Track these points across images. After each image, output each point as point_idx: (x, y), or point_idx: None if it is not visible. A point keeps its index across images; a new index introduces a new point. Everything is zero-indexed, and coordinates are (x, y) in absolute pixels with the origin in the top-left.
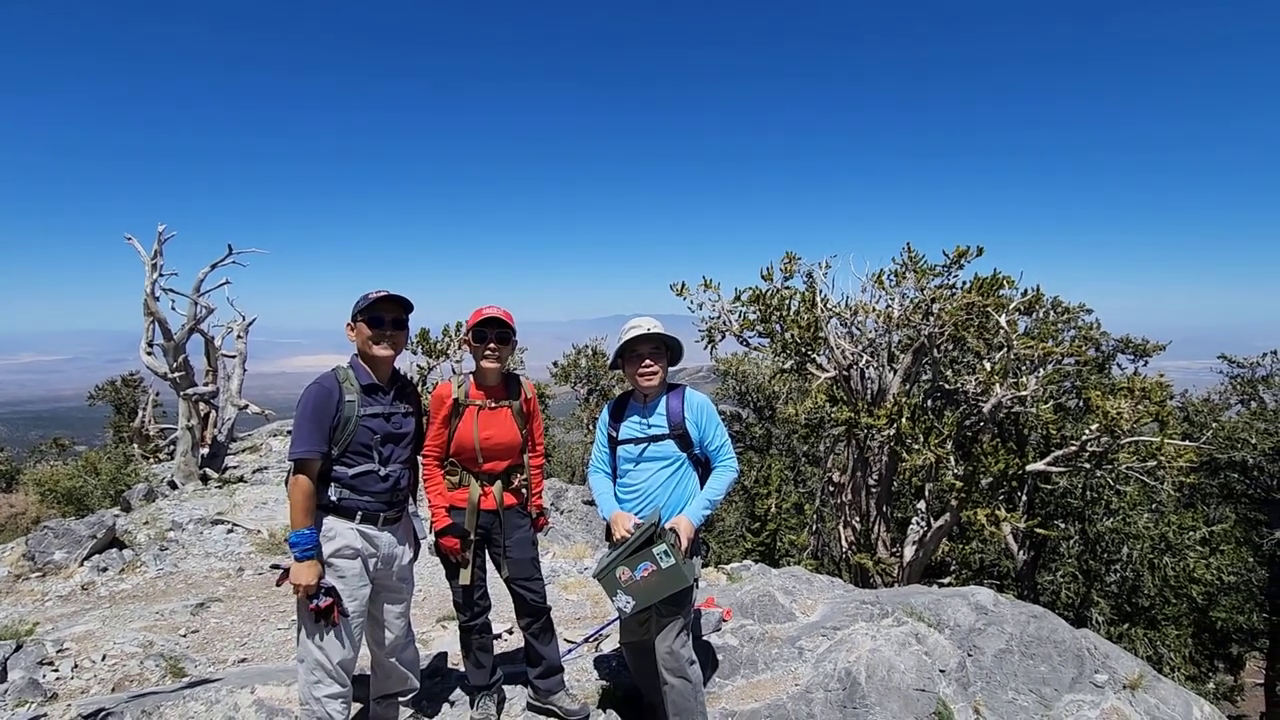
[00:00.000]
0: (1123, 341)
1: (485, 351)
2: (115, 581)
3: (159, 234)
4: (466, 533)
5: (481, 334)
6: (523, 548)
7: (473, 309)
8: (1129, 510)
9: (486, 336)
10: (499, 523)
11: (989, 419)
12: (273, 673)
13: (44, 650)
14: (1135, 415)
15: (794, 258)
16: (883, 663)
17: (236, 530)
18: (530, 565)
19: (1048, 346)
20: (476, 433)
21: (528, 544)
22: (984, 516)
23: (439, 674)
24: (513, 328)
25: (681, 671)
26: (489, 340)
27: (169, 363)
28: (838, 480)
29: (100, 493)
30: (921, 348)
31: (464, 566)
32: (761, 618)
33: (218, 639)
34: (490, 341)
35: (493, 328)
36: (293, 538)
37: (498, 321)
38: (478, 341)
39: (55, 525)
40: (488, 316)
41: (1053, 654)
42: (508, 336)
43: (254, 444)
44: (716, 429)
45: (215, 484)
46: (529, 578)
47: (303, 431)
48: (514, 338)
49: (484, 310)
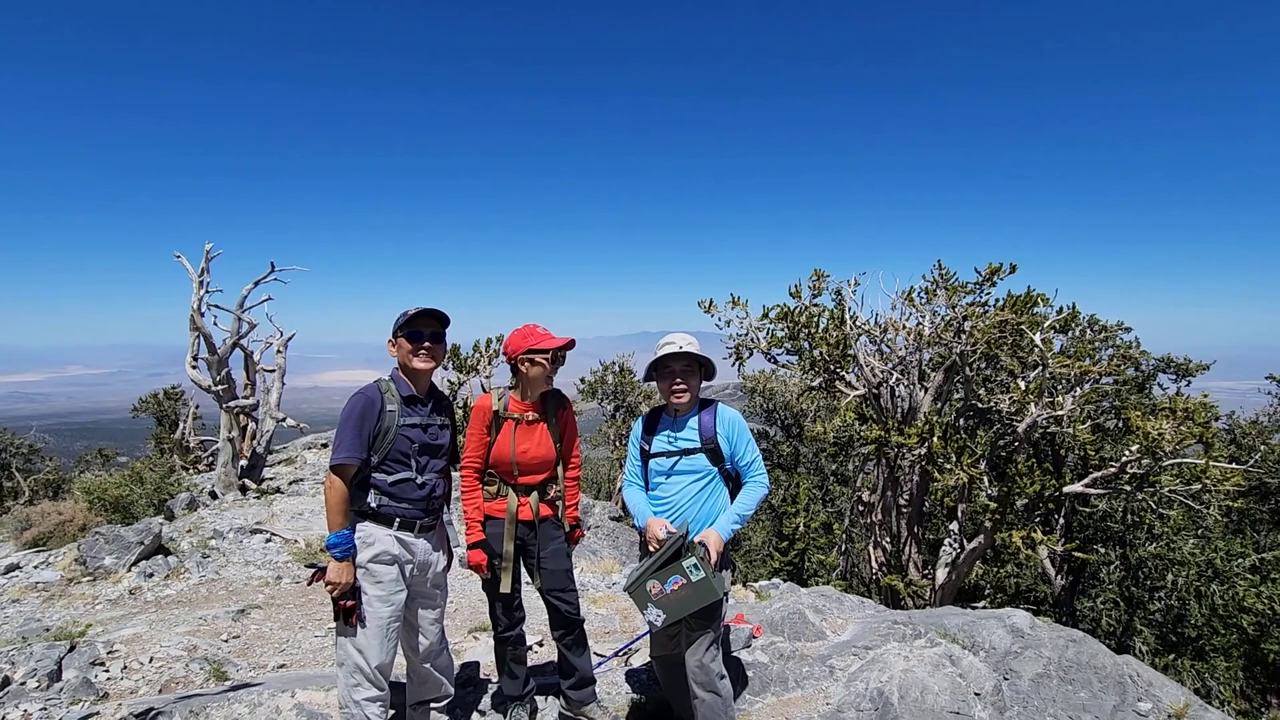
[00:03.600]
0: (1164, 360)
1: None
2: (161, 587)
3: (206, 252)
4: (495, 553)
5: (558, 356)
6: (558, 559)
7: (502, 326)
8: (1173, 535)
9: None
10: (535, 533)
11: (1024, 439)
12: (311, 678)
13: (96, 651)
14: (1178, 436)
15: (822, 275)
16: (916, 684)
17: (274, 540)
18: (565, 576)
19: (1084, 365)
20: (514, 446)
21: (562, 555)
22: (1019, 539)
23: (471, 683)
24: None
25: (712, 686)
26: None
27: (213, 376)
28: (867, 500)
29: (145, 501)
30: (953, 366)
31: (503, 574)
32: (792, 635)
33: (258, 644)
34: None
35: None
36: (331, 539)
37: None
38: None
39: (106, 531)
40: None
41: (1093, 680)
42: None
43: (289, 456)
44: (748, 444)
45: (254, 494)
46: (564, 589)
47: (344, 438)
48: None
49: (540, 338)
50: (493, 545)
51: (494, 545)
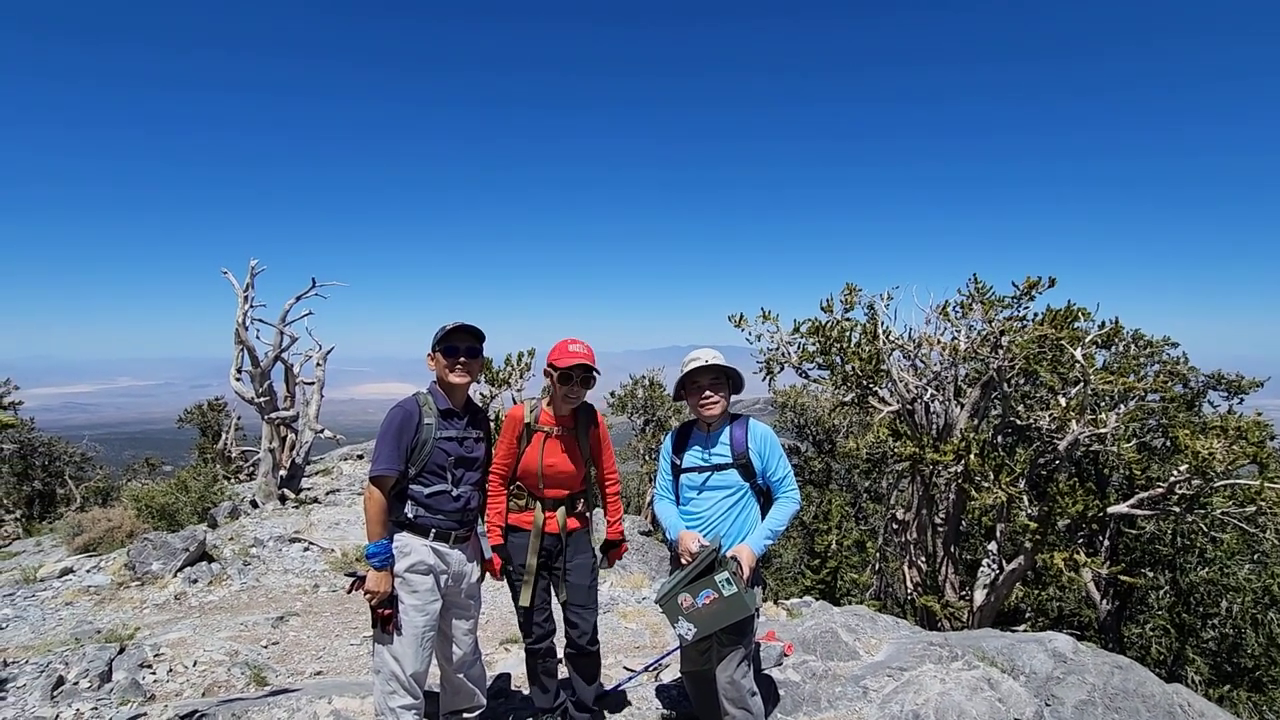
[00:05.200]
0: (1214, 377)
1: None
2: (204, 593)
3: (250, 268)
4: (517, 564)
5: (568, 377)
6: (580, 574)
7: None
8: (1226, 560)
9: (572, 379)
10: (561, 546)
11: (1065, 457)
12: (347, 686)
13: (144, 654)
14: (1229, 456)
15: (854, 289)
16: (953, 707)
17: (312, 549)
18: (585, 593)
19: (1129, 382)
20: (541, 459)
21: (587, 571)
22: (1061, 561)
23: (503, 695)
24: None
25: (743, 702)
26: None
27: (255, 388)
28: (902, 518)
29: (189, 510)
30: (990, 381)
31: (524, 586)
32: (824, 655)
33: (296, 651)
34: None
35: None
36: (370, 548)
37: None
38: (563, 384)
39: (154, 538)
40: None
41: (1141, 709)
42: (592, 380)
43: (325, 467)
44: (779, 460)
45: (292, 504)
46: (582, 605)
47: (383, 450)
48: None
49: (573, 354)
50: (514, 555)
51: (517, 556)
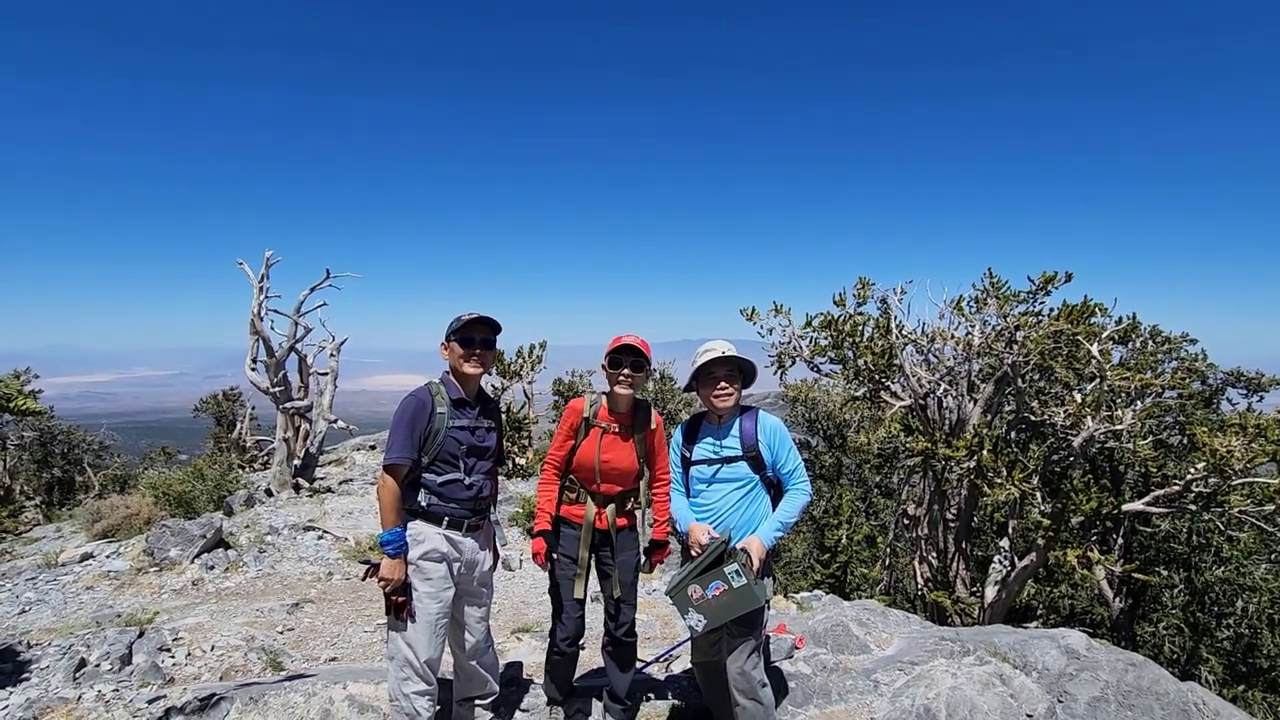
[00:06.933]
0: (1233, 374)
1: (619, 377)
2: (221, 579)
3: (266, 259)
4: (569, 557)
5: (617, 360)
6: (625, 570)
7: (543, 334)
8: (1243, 559)
9: (622, 363)
10: (610, 542)
11: (1080, 454)
12: (362, 672)
13: (163, 638)
14: (1248, 454)
15: (867, 283)
16: (964, 702)
17: (326, 537)
18: (629, 589)
19: (1146, 378)
20: (598, 454)
21: (631, 568)
22: (1074, 558)
23: (514, 683)
24: (648, 357)
25: (753, 693)
26: (624, 367)
27: (270, 378)
28: (913, 513)
29: (205, 498)
30: (1004, 377)
31: (578, 580)
32: (835, 648)
33: (310, 637)
34: (625, 368)
35: (628, 355)
36: (384, 536)
37: (633, 350)
38: (613, 368)
39: (172, 524)
40: (625, 344)
41: (1154, 706)
42: (642, 365)
43: (339, 457)
44: (790, 452)
45: (306, 493)
46: (625, 600)
47: (396, 439)
48: (649, 367)
49: (622, 338)
50: (566, 549)
51: (568, 549)
